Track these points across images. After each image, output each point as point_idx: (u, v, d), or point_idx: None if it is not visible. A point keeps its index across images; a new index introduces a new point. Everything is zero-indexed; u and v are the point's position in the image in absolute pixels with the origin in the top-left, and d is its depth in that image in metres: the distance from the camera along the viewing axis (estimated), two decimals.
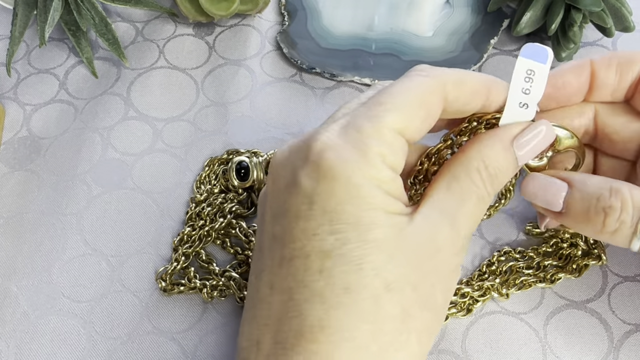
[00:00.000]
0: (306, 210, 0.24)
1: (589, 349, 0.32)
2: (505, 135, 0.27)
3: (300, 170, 0.24)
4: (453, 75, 0.26)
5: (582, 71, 0.29)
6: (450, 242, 0.25)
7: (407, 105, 0.25)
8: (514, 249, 0.34)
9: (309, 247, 0.23)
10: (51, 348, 0.32)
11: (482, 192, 0.26)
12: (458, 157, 0.27)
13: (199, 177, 0.37)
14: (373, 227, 0.23)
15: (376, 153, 0.24)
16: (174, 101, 0.41)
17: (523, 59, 0.26)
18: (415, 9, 0.43)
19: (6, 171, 0.38)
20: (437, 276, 0.25)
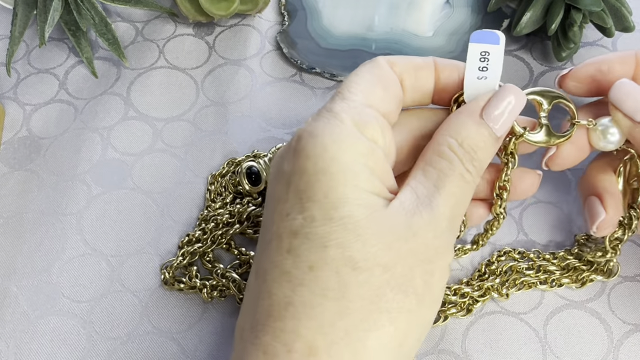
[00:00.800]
0: (284, 193, 0.24)
1: (588, 349, 0.32)
2: (472, 109, 0.27)
3: (283, 159, 0.25)
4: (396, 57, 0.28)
5: (627, 59, 0.29)
6: (429, 225, 0.24)
7: (362, 81, 0.26)
8: (514, 249, 0.34)
9: (282, 228, 0.24)
10: (51, 348, 0.32)
11: (461, 170, 0.25)
12: (430, 142, 0.27)
13: (207, 195, 0.37)
14: (340, 204, 0.23)
15: (350, 124, 0.24)
16: (174, 101, 0.41)
17: (473, 44, 0.27)
18: (415, 9, 0.43)
19: (6, 171, 0.38)
20: (415, 259, 0.24)
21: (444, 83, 0.28)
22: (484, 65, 0.27)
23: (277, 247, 0.24)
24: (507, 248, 0.34)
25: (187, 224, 0.36)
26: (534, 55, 0.42)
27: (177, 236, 0.36)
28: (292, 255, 0.23)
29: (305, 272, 0.23)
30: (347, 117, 0.25)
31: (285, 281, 0.23)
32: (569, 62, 0.41)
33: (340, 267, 0.23)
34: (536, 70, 0.41)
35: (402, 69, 0.27)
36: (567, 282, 0.33)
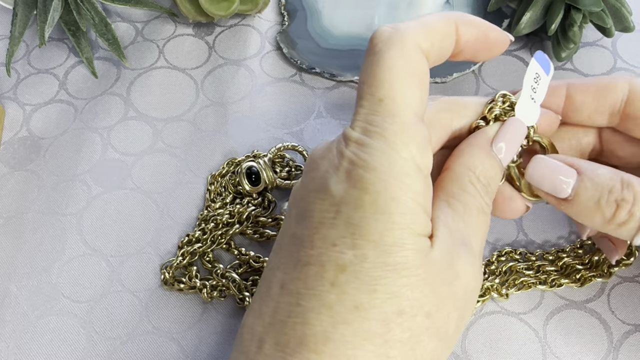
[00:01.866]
0: (331, 218, 0.23)
1: (588, 349, 0.32)
2: (483, 141, 0.27)
3: (332, 176, 0.23)
4: (420, 29, 0.25)
5: (555, 92, 0.29)
6: (470, 266, 0.24)
7: (406, 85, 0.24)
8: (515, 250, 0.34)
9: (325, 257, 0.23)
10: (51, 348, 0.32)
11: (481, 203, 0.26)
12: (446, 174, 0.26)
13: (207, 195, 0.37)
14: (396, 249, 0.22)
15: (407, 158, 0.23)
16: (174, 101, 0.41)
17: (535, 62, 0.28)
18: (415, 9, 0.43)
19: (6, 171, 0.38)
20: (453, 304, 0.24)
21: (464, 44, 0.27)
22: (536, 86, 0.28)
23: (319, 275, 0.23)
24: (508, 248, 0.34)
25: (187, 224, 0.36)
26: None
27: (177, 236, 0.36)
28: (337, 291, 0.22)
29: (350, 311, 0.22)
30: (404, 149, 0.23)
31: (326, 315, 0.22)
32: (568, 62, 0.41)
33: (387, 312, 0.22)
34: None
35: (427, 45, 0.25)
36: (567, 281, 0.33)
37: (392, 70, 0.24)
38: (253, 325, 0.24)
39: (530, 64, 0.28)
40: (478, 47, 0.27)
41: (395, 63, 0.24)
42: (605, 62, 0.41)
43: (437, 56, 0.26)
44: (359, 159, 0.23)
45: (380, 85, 0.24)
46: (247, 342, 0.24)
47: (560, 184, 0.27)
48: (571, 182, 0.26)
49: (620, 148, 0.30)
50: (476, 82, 0.41)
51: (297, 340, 0.22)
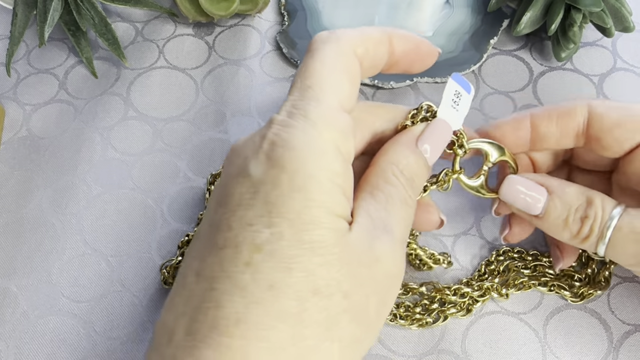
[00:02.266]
0: (249, 199, 0.23)
1: (588, 349, 0.32)
2: (409, 139, 0.27)
3: (251, 159, 0.23)
4: (355, 35, 0.26)
5: (519, 125, 0.30)
6: (390, 252, 0.24)
7: (333, 76, 0.25)
8: (512, 249, 0.34)
9: (241, 237, 0.22)
10: (51, 348, 0.32)
11: (404, 195, 0.26)
12: (372, 168, 0.27)
13: (207, 195, 0.37)
14: (312, 227, 0.22)
15: (328, 139, 0.23)
16: (174, 101, 0.41)
17: (453, 81, 0.29)
18: (415, 9, 0.43)
19: (6, 171, 0.38)
20: (373, 287, 0.24)
21: (398, 55, 0.28)
22: (457, 100, 0.29)
23: (233, 256, 0.22)
24: (506, 247, 0.34)
25: (186, 224, 0.36)
26: (533, 55, 0.42)
27: (177, 236, 0.36)
28: (252, 270, 0.22)
29: (263, 291, 0.22)
30: (325, 129, 0.24)
31: (239, 296, 0.22)
32: (568, 62, 0.41)
33: (302, 291, 0.22)
34: (536, 70, 0.41)
35: (362, 50, 0.26)
36: (567, 294, 0.33)
37: (323, 62, 0.25)
38: (166, 318, 0.23)
39: (448, 82, 0.29)
40: (412, 58, 0.29)
41: (327, 57, 0.25)
42: (605, 62, 0.41)
43: (371, 62, 0.27)
44: (280, 138, 0.23)
45: (310, 75, 0.25)
46: (159, 337, 0.23)
47: (532, 203, 0.28)
48: (542, 200, 0.28)
49: (586, 154, 0.31)
50: (476, 82, 0.41)
51: (209, 325, 0.22)
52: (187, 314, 0.22)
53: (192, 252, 0.24)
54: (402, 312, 0.33)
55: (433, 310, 0.33)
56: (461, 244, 0.35)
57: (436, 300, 0.33)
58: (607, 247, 0.27)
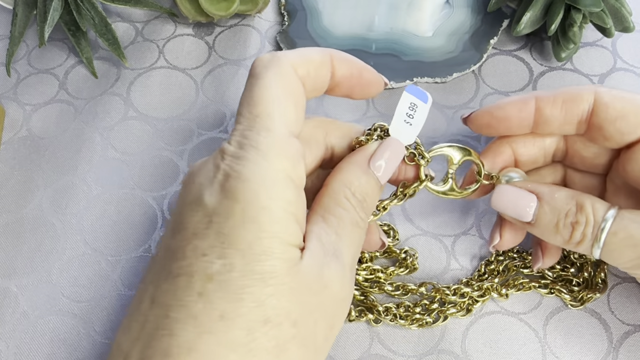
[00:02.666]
0: (203, 229, 0.23)
1: (588, 349, 0.32)
2: (361, 159, 0.28)
3: (206, 188, 0.24)
4: (296, 56, 0.27)
5: (524, 106, 0.30)
6: (338, 278, 0.25)
7: (279, 103, 0.25)
8: (512, 248, 0.34)
9: (195, 267, 0.23)
10: (51, 348, 0.32)
11: (355, 218, 0.26)
12: (325, 188, 0.27)
13: None
14: (264, 257, 0.23)
15: (279, 169, 0.24)
16: (174, 101, 0.41)
17: (407, 93, 0.29)
18: (415, 9, 0.43)
19: (6, 171, 0.38)
20: (321, 313, 0.24)
21: (338, 78, 0.28)
22: (411, 113, 0.29)
23: (187, 285, 0.23)
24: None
25: None
26: (533, 55, 0.42)
27: None
28: (203, 300, 0.22)
29: (214, 321, 0.22)
30: (276, 159, 0.24)
31: (191, 325, 0.22)
32: (568, 62, 0.41)
33: (252, 321, 0.22)
34: (536, 70, 0.41)
35: (304, 71, 0.27)
36: (568, 298, 0.33)
37: (268, 89, 0.25)
38: (120, 341, 0.24)
39: (401, 96, 0.29)
40: (353, 83, 0.29)
41: (271, 83, 0.25)
42: (605, 62, 0.41)
43: (313, 84, 0.27)
44: (233, 170, 0.24)
45: (257, 103, 0.25)
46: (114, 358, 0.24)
47: (522, 210, 0.29)
48: (533, 206, 0.28)
49: (584, 148, 0.31)
50: (476, 82, 0.41)
51: (162, 352, 0.22)
52: (142, 340, 0.23)
53: (149, 276, 0.25)
54: (402, 312, 0.33)
55: (433, 310, 0.33)
56: (461, 244, 0.35)
57: (436, 300, 0.33)
58: (602, 250, 0.27)
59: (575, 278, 0.33)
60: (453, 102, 0.40)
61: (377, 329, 0.33)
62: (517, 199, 0.29)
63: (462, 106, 0.40)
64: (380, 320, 0.33)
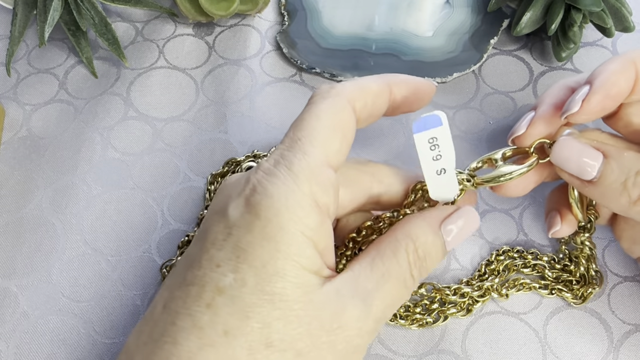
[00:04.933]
0: (221, 240, 0.23)
1: (588, 349, 0.32)
2: (434, 219, 0.27)
3: (232, 200, 0.24)
4: (353, 86, 0.26)
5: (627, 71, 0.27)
6: (357, 323, 0.24)
7: (325, 132, 0.25)
8: (513, 248, 0.34)
9: (208, 278, 0.23)
10: (51, 348, 0.32)
11: (406, 275, 0.25)
12: (388, 235, 0.26)
13: (207, 194, 0.37)
14: (276, 279, 0.22)
15: (306, 193, 0.23)
16: (174, 101, 0.41)
17: (418, 134, 0.26)
18: (415, 9, 0.43)
19: (6, 171, 0.38)
20: (331, 353, 0.23)
21: (399, 102, 0.28)
22: (437, 153, 0.26)
23: (197, 295, 0.23)
24: (506, 247, 0.34)
25: (186, 224, 0.36)
26: (534, 55, 0.42)
27: (176, 236, 0.36)
28: (211, 312, 0.22)
29: (218, 335, 0.22)
30: (305, 183, 0.23)
31: (195, 336, 0.22)
32: (568, 62, 0.41)
33: (255, 341, 0.22)
34: (536, 70, 0.41)
35: (361, 105, 0.26)
36: (569, 296, 0.33)
37: (318, 117, 0.25)
38: (129, 344, 0.24)
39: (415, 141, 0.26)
40: (412, 101, 0.28)
41: (323, 112, 0.25)
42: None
43: (369, 113, 0.27)
44: (260, 185, 0.23)
45: (303, 128, 0.25)
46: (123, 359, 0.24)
47: (585, 166, 0.27)
48: (596, 165, 0.26)
49: None
50: (476, 82, 0.41)
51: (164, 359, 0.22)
52: (148, 345, 0.23)
53: (167, 281, 0.25)
54: (402, 312, 0.33)
55: (433, 310, 0.33)
56: (461, 244, 0.35)
57: (436, 300, 0.33)
58: None
59: (574, 277, 0.33)
60: (453, 102, 0.40)
61: None
62: (581, 154, 0.27)
63: (462, 106, 0.40)
64: None
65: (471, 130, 0.39)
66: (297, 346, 0.22)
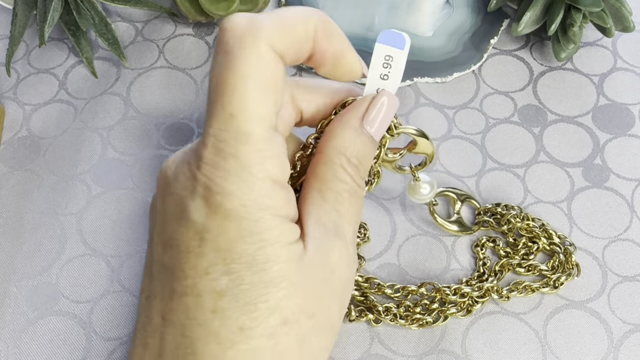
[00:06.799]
0: (196, 247, 0.23)
1: (588, 349, 0.32)
2: (354, 118, 0.26)
3: (189, 201, 0.23)
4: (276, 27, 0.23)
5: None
6: (342, 257, 0.25)
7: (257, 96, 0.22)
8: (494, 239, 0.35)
9: (201, 286, 0.22)
10: (51, 348, 0.32)
11: (354, 187, 0.26)
12: (319, 156, 0.26)
13: None
14: (269, 264, 0.23)
15: (262, 178, 0.22)
16: (174, 101, 0.41)
17: (379, 44, 0.26)
18: (415, 9, 0.43)
19: (6, 171, 0.38)
20: (332, 296, 0.25)
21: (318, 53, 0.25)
22: (386, 72, 0.26)
23: (197, 304, 0.22)
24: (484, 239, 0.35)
25: None
26: (534, 55, 0.42)
27: None
28: (220, 317, 0.22)
29: (236, 334, 0.22)
30: (258, 168, 0.22)
31: (214, 342, 0.22)
32: (568, 62, 0.41)
33: (271, 325, 0.22)
34: (536, 70, 0.41)
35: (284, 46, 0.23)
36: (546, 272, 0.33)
37: (244, 79, 0.22)
38: (143, 356, 0.24)
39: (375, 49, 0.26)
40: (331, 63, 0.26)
41: (247, 70, 0.22)
42: (605, 62, 0.41)
43: (291, 58, 0.24)
44: (215, 184, 0.22)
45: (231, 96, 0.22)
46: None
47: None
48: None
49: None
50: (476, 82, 0.41)
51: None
52: (165, 357, 0.23)
53: (149, 290, 0.24)
54: (402, 312, 0.33)
55: (433, 310, 0.33)
56: (461, 244, 0.35)
57: (436, 300, 0.33)
58: None
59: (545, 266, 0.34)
60: (453, 102, 0.40)
61: (377, 329, 0.33)
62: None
63: (462, 106, 0.40)
64: (381, 320, 0.32)
65: (471, 130, 0.39)
66: (306, 310, 0.23)
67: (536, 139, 0.39)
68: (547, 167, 0.37)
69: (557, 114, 0.39)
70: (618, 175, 0.37)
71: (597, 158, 0.38)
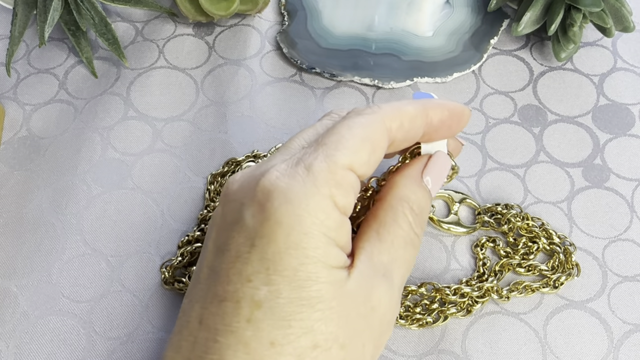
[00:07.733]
0: (246, 252, 0.23)
1: (588, 349, 0.32)
2: (415, 172, 0.28)
3: (246, 207, 0.23)
4: (389, 106, 0.26)
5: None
6: (386, 298, 0.25)
7: (352, 139, 0.24)
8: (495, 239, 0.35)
9: (241, 293, 0.23)
10: (51, 348, 0.32)
11: (411, 235, 0.26)
12: (381, 202, 0.27)
13: (207, 194, 0.37)
14: (309, 283, 0.23)
15: (326, 195, 0.23)
16: (174, 101, 0.41)
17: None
18: (415, 9, 0.43)
19: (6, 171, 0.38)
20: (369, 335, 0.24)
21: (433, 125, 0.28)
22: None
23: (234, 311, 0.23)
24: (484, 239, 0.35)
25: (186, 224, 0.36)
26: (534, 55, 0.42)
27: (176, 236, 0.36)
28: (253, 327, 0.22)
29: (266, 348, 0.22)
30: (324, 185, 0.23)
31: (242, 352, 0.22)
32: (568, 62, 0.41)
33: (302, 347, 0.22)
34: (536, 70, 0.41)
35: (397, 125, 0.26)
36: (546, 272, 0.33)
37: (349, 127, 0.25)
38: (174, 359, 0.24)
39: None
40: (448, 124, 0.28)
41: (355, 124, 0.25)
42: (605, 62, 0.41)
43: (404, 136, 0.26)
44: (277, 190, 0.23)
45: (331, 134, 0.24)
46: None
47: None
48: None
49: None
50: (476, 82, 0.41)
51: None
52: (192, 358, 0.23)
53: (193, 294, 0.25)
54: (402, 312, 0.33)
55: (433, 310, 0.33)
56: (461, 244, 0.35)
57: (436, 300, 0.33)
58: None
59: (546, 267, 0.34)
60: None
61: None
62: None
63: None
64: None
65: (471, 130, 0.39)
66: (339, 340, 0.23)
67: (536, 139, 0.39)
68: (547, 167, 0.37)
69: (557, 114, 0.39)
70: (618, 175, 0.37)
71: (597, 158, 0.38)
